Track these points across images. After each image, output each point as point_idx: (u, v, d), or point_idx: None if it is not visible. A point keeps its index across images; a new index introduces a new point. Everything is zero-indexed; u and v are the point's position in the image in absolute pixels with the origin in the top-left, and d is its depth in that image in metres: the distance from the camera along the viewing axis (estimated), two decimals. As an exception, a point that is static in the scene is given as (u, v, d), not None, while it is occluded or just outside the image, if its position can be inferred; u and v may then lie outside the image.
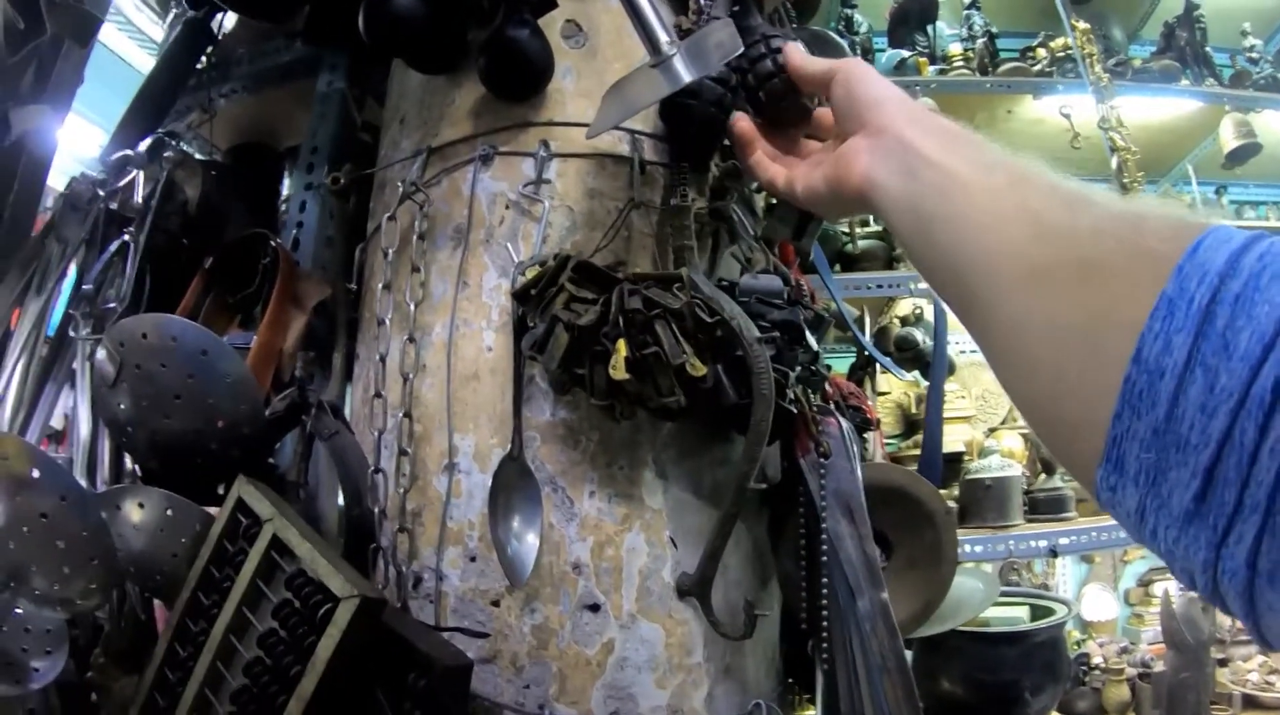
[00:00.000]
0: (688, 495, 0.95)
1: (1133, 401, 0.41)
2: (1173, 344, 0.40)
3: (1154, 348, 0.40)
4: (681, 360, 0.79)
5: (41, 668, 1.02)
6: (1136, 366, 0.41)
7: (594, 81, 1.01)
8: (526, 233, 0.96)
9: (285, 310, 1.06)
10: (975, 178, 0.57)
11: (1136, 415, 0.41)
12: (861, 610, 0.93)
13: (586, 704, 0.89)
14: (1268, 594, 0.38)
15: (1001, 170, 0.56)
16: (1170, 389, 0.39)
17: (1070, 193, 0.52)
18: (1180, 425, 0.39)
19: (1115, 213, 0.48)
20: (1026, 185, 0.54)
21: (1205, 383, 0.38)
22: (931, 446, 1.21)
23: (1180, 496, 0.39)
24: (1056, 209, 0.51)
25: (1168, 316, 0.40)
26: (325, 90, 1.23)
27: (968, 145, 0.61)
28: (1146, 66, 2.20)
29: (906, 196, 0.62)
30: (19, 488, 0.92)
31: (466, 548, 0.92)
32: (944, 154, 0.60)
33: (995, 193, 0.55)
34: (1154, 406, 0.40)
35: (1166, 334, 0.40)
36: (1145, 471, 0.41)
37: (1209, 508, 0.38)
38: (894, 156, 0.64)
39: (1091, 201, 0.50)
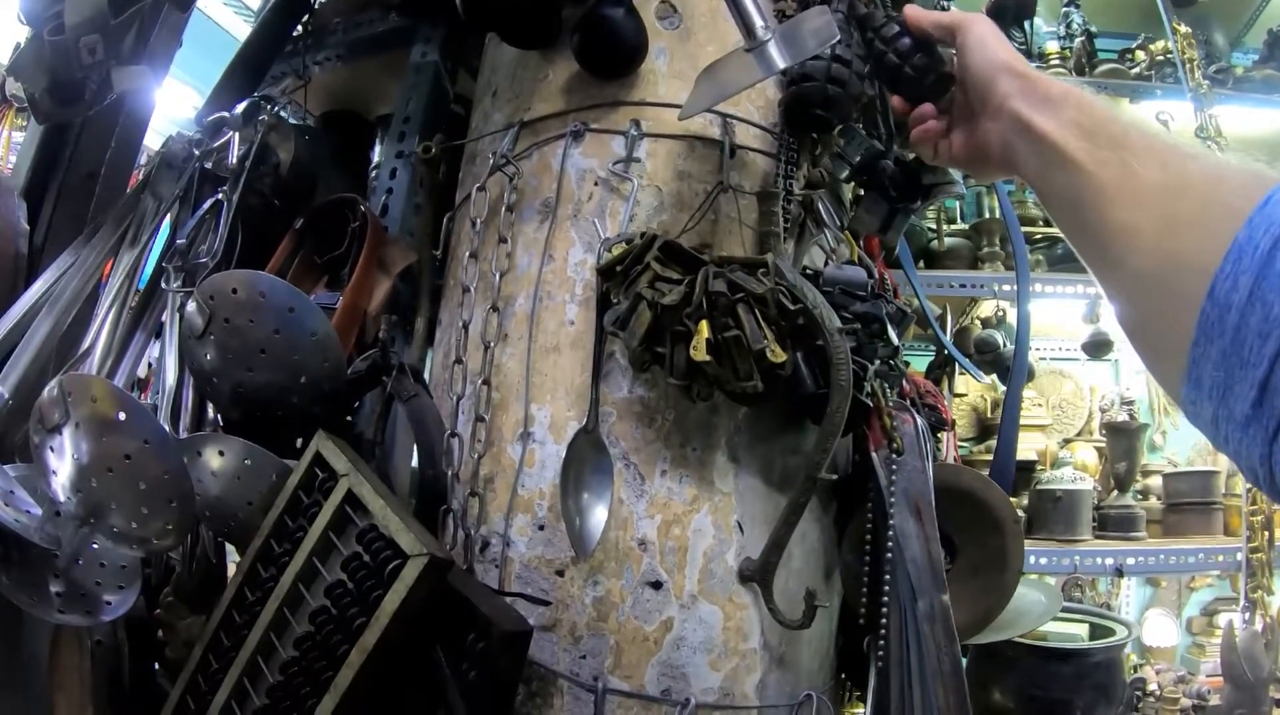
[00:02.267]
0: (758, 481, 0.96)
1: (1207, 330, 0.49)
2: (1239, 283, 0.47)
3: (1224, 286, 0.48)
4: (762, 345, 0.79)
5: (113, 601, 1.06)
6: (1210, 301, 0.49)
7: (687, 63, 1.02)
8: (614, 210, 0.97)
9: (371, 273, 1.09)
10: (1083, 149, 0.65)
11: (1210, 341, 0.49)
12: (921, 611, 0.92)
13: (640, 679, 0.90)
14: None
15: (1104, 139, 0.64)
16: (1235, 320, 0.48)
17: (1165, 151, 0.60)
18: (1242, 348, 0.47)
19: (1204, 168, 0.57)
20: (1126, 149, 0.62)
21: (1262, 313, 0.46)
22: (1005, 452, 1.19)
23: (1241, 406, 0.48)
24: (1152, 165, 0.60)
25: (1237, 259, 0.48)
26: (419, 61, 1.26)
27: (1073, 114, 0.68)
28: (1249, 75, 2.13)
29: (1036, 168, 0.71)
30: (105, 429, 0.96)
31: (535, 516, 0.94)
32: (1056, 129, 0.68)
33: (1101, 161, 0.63)
34: (1222, 334, 0.48)
35: (1235, 275, 0.48)
36: (1216, 387, 0.49)
37: (1263, 412, 0.46)
38: (1020, 140, 0.73)
39: (1184, 157, 0.59)
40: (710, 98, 0.89)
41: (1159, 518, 1.93)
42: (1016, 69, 0.76)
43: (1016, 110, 0.73)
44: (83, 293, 1.13)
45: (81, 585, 1.05)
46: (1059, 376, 2.33)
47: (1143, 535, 1.83)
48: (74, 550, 1.04)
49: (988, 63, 0.79)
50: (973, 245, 2.08)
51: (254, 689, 0.92)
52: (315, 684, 0.86)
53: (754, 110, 1.02)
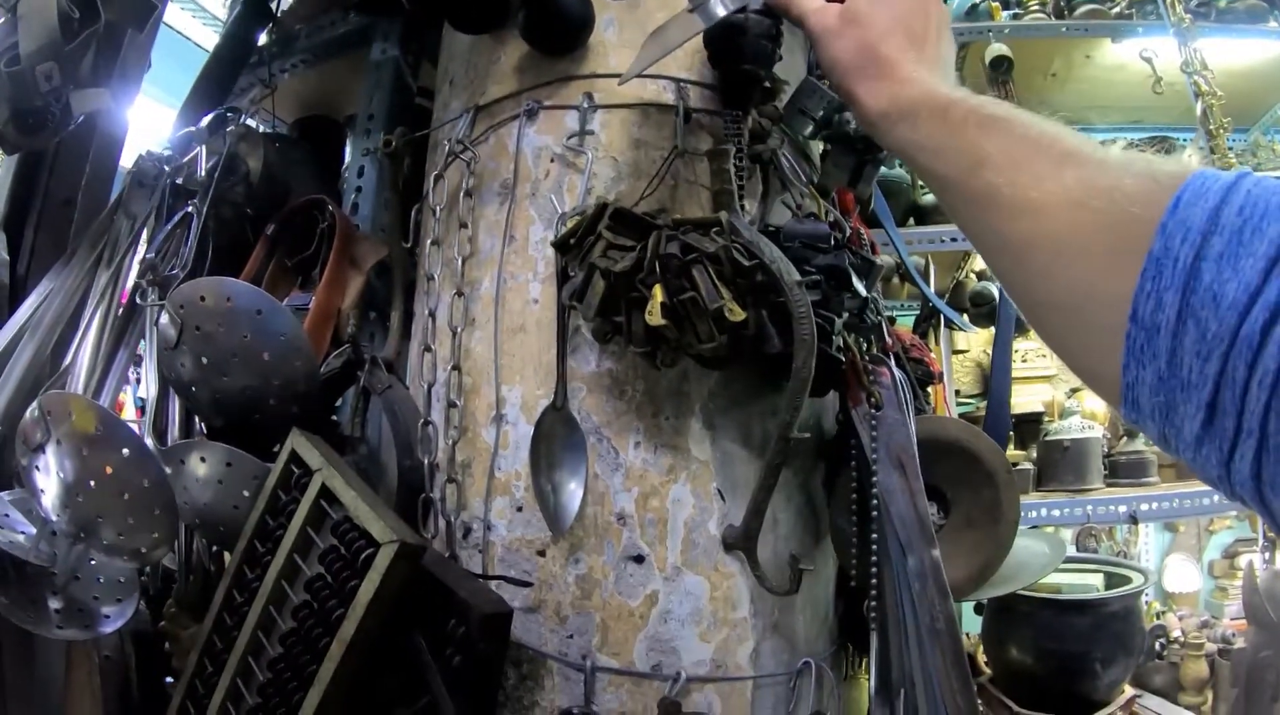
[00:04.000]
0: (736, 446, 0.93)
1: (1137, 355, 0.46)
2: (1164, 302, 0.44)
3: (1147, 307, 0.44)
4: (719, 305, 0.76)
5: (111, 614, 1.06)
6: (1135, 325, 0.45)
7: (637, 32, 0.99)
8: (571, 185, 0.95)
9: (343, 271, 1.08)
10: (943, 173, 0.61)
11: (1142, 366, 0.46)
12: (912, 568, 0.89)
13: (629, 655, 0.87)
14: (1273, 500, 0.42)
15: (963, 154, 0.58)
16: (1167, 342, 0.44)
17: (1030, 154, 0.54)
18: (1180, 370, 0.44)
19: (1086, 180, 0.50)
20: (987, 167, 0.56)
21: (1197, 332, 0.42)
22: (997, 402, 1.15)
23: (1190, 427, 0.44)
24: (1021, 180, 0.53)
25: (1156, 276, 0.44)
26: (379, 58, 1.24)
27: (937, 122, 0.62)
28: (1231, 7, 2.06)
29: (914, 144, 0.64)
30: (85, 443, 0.95)
31: (513, 498, 0.91)
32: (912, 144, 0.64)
33: (963, 184, 0.58)
34: (1155, 357, 0.45)
35: (1157, 293, 0.44)
36: (1158, 410, 0.46)
37: (1214, 433, 0.43)
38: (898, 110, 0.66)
39: (1059, 164, 0.52)
40: (650, 56, 0.86)
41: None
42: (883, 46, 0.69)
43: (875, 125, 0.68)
44: (64, 316, 1.13)
45: (79, 600, 1.05)
46: None
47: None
48: (69, 566, 1.04)
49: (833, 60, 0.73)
50: (961, 200, 2.02)
51: (246, 689, 0.91)
52: (301, 678, 0.84)
53: (708, 73, 0.99)
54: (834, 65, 0.72)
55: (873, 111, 0.68)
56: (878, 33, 0.70)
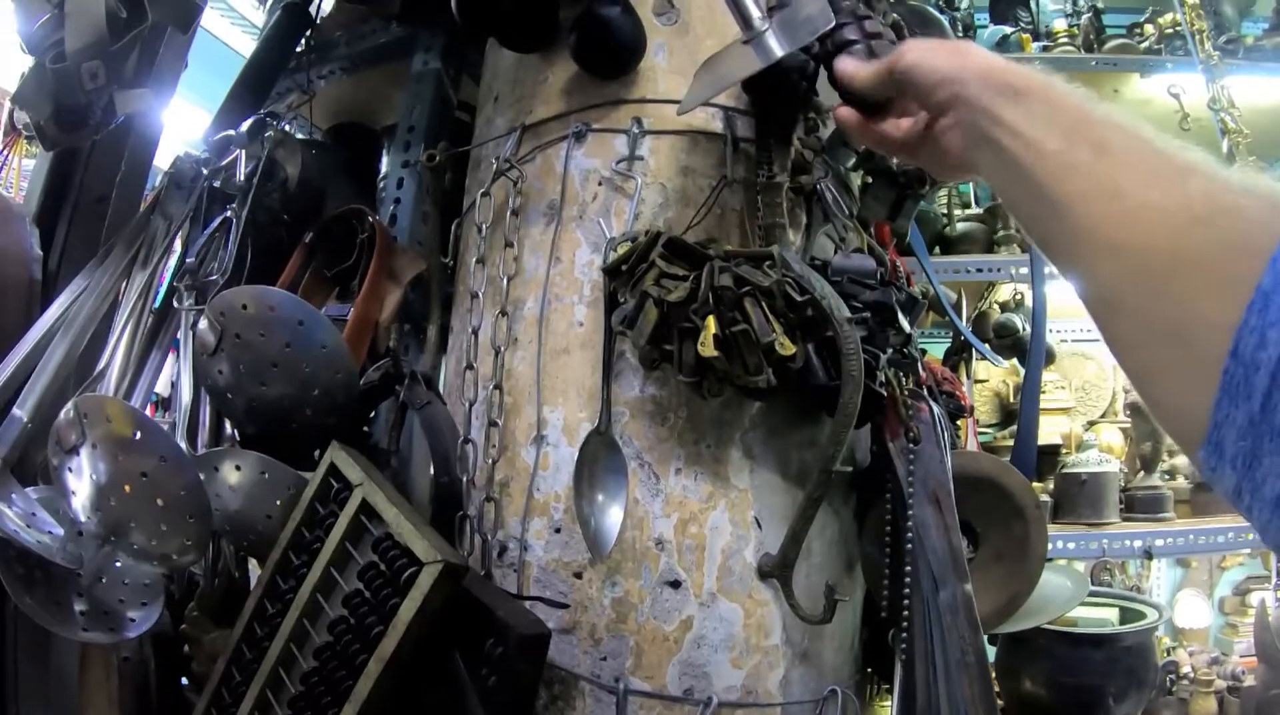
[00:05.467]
0: (774, 476, 0.94)
1: (1231, 392, 0.42)
2: (1267, 339, 0.40)
3: (1249, 342, 0.41)
4: (770, 339, 0.78)
5: (137, 618, 1.07)
6: (1234, 360, 0.42)
7: (686, 59, 1.01)
8: (619, 209, 0.96)
9: (381, 283, 1.09)
10: (1056, 151, 0.55)
11: (1235, 405, 0.42)
12: (944, 601, 0.90)
13: (662, 679, 0.89)
14: None
15: (1082, 139, 0.54)
16: (1265, 383, 0.40)
17: (1157, 163, 0.51)
18: (1274, 416, 0.40)
19: (1209, 193, 0.47)
20: (1110, 155, 0.52)
21: None
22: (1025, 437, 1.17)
23: (1273, 484, 0.41)
24: (1145, 185, 0.50)
25: (1263, 310, 0.41)
26: (421, 70, 1.26)
27: (1043, 104, 0.58)
28: (1259, 45, 2.09)
29: (998, 169, 0.61)
30: (121, 448, 0.96)
31: (551, 519, 0.93)
32: (1023, 121, 0.58)
33: (1079, 170, 0.53)
34: (1249, 398, 0.41)
35: (1261, 329, 0.41)
36: (1242, 457, 0.42)
37: None
38: (978, 130, 0.62)
39: (1181, 173, 0.49)
40: (708, 90, 0.88)
41: (1187, 498, 1.90)
42: (970, 61, 0.65)
43: (975, 98, 0.62)
44: (97, 315, 1.14)
45: (105, 603, 1.06)
46: (1081, 358, 2.29)
47: (1171, 516, 1.80)
48: (96, 569, 1.05)
49: (936, 64, 0.68)
50: (988, 229, 2.04)
51: (276, 700, 0.92)
52: (336, 694, 0.85)
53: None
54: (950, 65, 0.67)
55: (972, 79, 0.63)
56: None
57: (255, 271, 1.15)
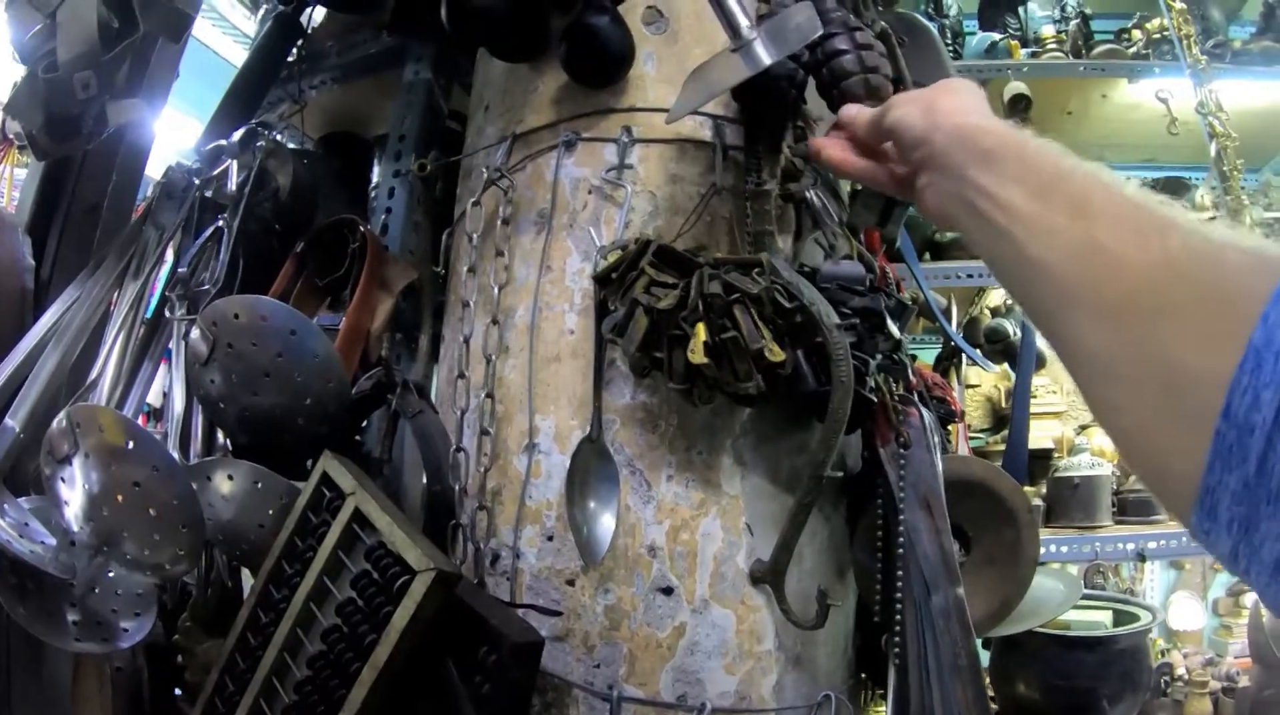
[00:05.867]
0: (765, 482, 0.95)
1: (1224, 456, 0.41)
2: (1261, 400, 0.39)
3: (1243, 402, 0.40)
4: (760, 345, 0.79)
5: (130, 628, 1.07)
6: (1226, 421, 0.40)
7: (675, 67, 1.02)
8: (609, 218, 0.97)
9: (373, 293, 1.10)
10: (1033, 212, 0.55)
11: (1228, 468, 0.41)
12: (936, 606, 0.91)
13: (655, 686, 0.90)
14: None
15: (1059, 197, 0.54)
16: (1260, 446, 0.39)
17: (1136, 216, 0.50)
18: (1270, 480, 0.39)
19: (1189, 244, 0.46)
20: (1088, 212, 0.52)
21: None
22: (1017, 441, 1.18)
23: (1271, 548, 0.40)
24: (1124, 239, 0.49)
25: (1255, 368, 0.40)
26: (411, 79, 1.27)
27: (1016, 164, 0.58)
28: (1246, 49, 2.12)
29: (976, 230, 0.61)
30: (114, 458, 0.97)
31: (544, 527, 0.94)
32: (997, 184, 0.58)
33: (1056, 230, 0.53)
34: (1244, 461, 0.40)
35: (1255, 389, 0.40)
36: (1237, 522, 0.41)
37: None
38: (953, 195, 0.63)
39: (1161, 226, 0.48)
40: (696, 98, 0.89)
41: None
42: (945, 122, 0.67)
43: (947, 164, 0.64)
44: (89, 325, 1.14)
45: (98, 613, 1.06)
46: None
47: (1163, 518, 1.81)
48: (89, 579, 1.05)
49: (912, 128, 0.70)
50: (978, 235, 2.06)
51: (270, 709, 0.92)
52: (329, 702, 0.86)
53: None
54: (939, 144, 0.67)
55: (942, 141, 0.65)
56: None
57: (247, 281, 1.16)
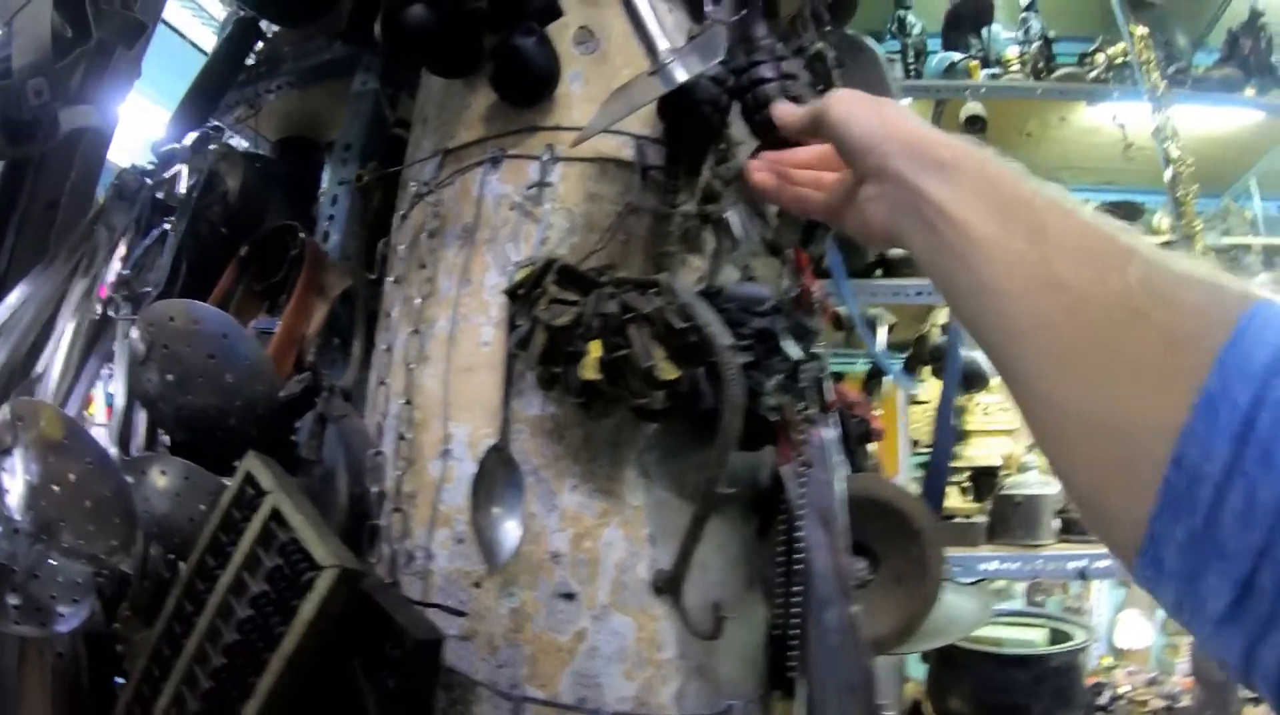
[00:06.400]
0: (670, 495, 1.00)
1: (1173, 505, 0.41)
2: (1213, 451, 0.39)
3: (1193, 452, 0.40)
4: (650, 364, 0.84)
5: (66, 614, 1.13)
6: (1176, 470, 0.40)
7: (602, 87, 1.06)
8: (527, 234, 1.02)
9: (309, 298, 1.15)
10: (989, 235, 0.53)
11: (1175, 519, 0.41)
12: (830, 622, 0.96)
13: (555, 688, 0.95)
14: None
15: (1017, 221, 0.52)
16: (1209, 497, 0.39)
17: (1095, 247, 0.49)
18: (1218, 533, 0.39)
19: (1148, 281, 0.46)
20: (1045, 240, 0.50)
21: (1245, 493, 0.38)
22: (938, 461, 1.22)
23: (1215, 602, 0.40)
24: (1083, 272, 0.48)
25: (1208, 415, 0.39)
26: (360, 89, 1.32)
27: (975, 183, 0.56)
28: (1207, 75, 2.15)
29: (927, 248, 0.59)
30: (52, 451, 1.03)
31: (454, 530, 0.99)
32: (954, 201, 0.56)
33: (1013, 257, 0.51)
34: (1192, 513, 0.40)
35: (1207, 439, 0.39)
36: (1182, 574, 0.41)
37: (1244, 615, 0.39)
38: (906, 205, 0.60)
39: (1120, 259, 0.47)
40: (607, 118, 0.93)
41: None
42: (898, 130, 0.63)
43: (900, 172, 0.60)
44: (38, 321, 1.20)
45: (37, 599, 1.12)
46: None
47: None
48: (29, 566, 1.11)
49: (863, 128, 0.66)
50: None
51: (191, 694, 0.98)
52: (242, 689, 0.91)
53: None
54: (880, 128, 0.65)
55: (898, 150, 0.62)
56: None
57: (194, 283, 1.21)
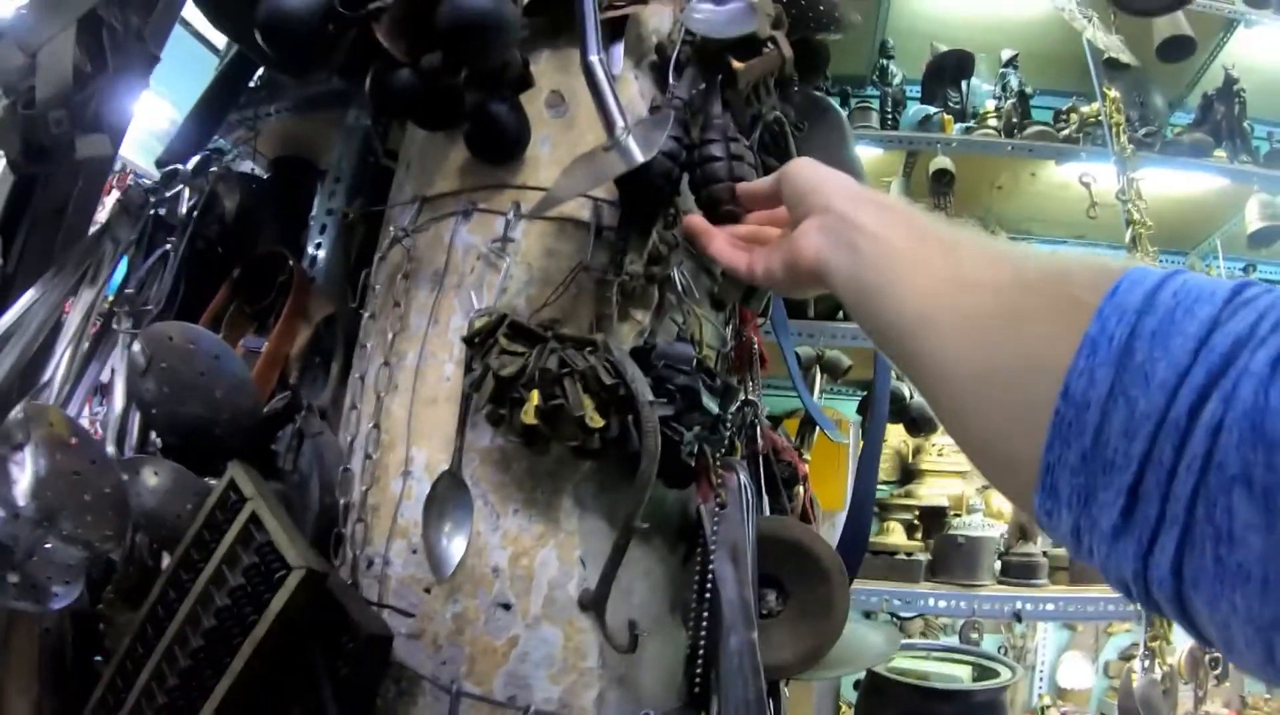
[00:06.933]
0: (602, 523, 1.26)
1: (1063, 433, 0.50)
2: (1096, 378, 0.49)
3: (1079, 383, 0.49)
4: (580, 413, 1.10)
5: (60, 594, 1.40)
6: (1065, 401, 0.50)
7: (567, 151, 1.32)
8: (490, 283, 1.28)
9: (295, 322, 1.42)
10: (909, 248, 0.71)
11: (1066, 445, 0.50)
12: (732, 646, 1.22)
13: (490, 685, 1.21)
14: (1194, 599, 0.46)
15: (934, 239, 0.70)
16: (1095, 419, 0.48)
17: (999, 253, 0.65)
18: (1105, 450, 0.48)
19: (1042, 267, 0.60)
20: (958, 251, 0.67)
21: (1126, 410, 0.47)
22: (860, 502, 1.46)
23: (1108, 515, 0.48)
24: (985, 268, 0.64)
25: (1091, 354, 0.49)
26: (352, 124, 1.58)
27: (902, 217, 0.75)
28: (1177, 139, 2.38)
29: (851, 268, 0.77)
30: (59, 449, 1.30)
31: (410, 541, 1.25)
32: (881, 226, 0.75)
33: (928, 261, 0.68)
34: (1081, 435, 0.49)
35: (1090, 370, 0.49)
36: (1076, 495, 0.50)
37: (1134, 523, 0.47)
38: (838, 233, 0.79)
39: (1019, 259, 0.63)
40: (570, 188, 1.19)
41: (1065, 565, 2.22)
42: (847, 182, 0.85)
43: (843, 209, 0.80)
44: (45, 326, 1.47)
45: (34, 578, 1.39)
46: None
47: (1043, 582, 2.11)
48: (29, 548, 1.38)
49: (812, 176, 0.89)
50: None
51: (170, 671, 1.24)
52: (216, 668, 1.18)
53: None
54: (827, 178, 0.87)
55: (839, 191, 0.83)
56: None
57: (191, 297, 1.48)
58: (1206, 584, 0.44)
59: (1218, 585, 0.44)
